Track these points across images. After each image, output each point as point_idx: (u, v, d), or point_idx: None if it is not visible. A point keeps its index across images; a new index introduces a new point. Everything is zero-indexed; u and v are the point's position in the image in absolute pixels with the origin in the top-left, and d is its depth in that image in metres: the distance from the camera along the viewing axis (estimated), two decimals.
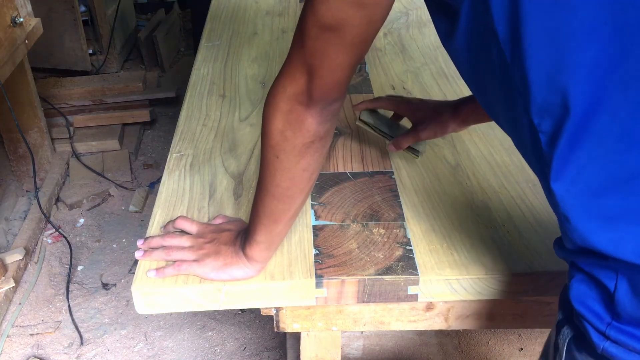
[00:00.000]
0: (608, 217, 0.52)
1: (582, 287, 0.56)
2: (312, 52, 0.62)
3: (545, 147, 0.54)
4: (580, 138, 0.51)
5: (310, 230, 0.87)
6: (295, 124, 0.66)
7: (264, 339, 1.87)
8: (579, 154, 0.52)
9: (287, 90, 0.65)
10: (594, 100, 0.50)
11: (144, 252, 0.82)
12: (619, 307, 0.53)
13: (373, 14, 0.59)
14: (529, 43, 0.51)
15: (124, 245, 2.26)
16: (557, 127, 0.52)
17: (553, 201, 0.55)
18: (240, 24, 1.55)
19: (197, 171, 1.00)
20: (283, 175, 0.71)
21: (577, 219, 0.53)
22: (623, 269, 0.52)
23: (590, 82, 0.49)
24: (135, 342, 1.88)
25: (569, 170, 0.53)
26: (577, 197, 0.53)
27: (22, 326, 1.92)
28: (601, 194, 0.52)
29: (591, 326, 0.55)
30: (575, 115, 0.50)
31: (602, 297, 0.54)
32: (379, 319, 0.85)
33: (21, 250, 2.10)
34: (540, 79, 0.51)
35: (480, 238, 0.85)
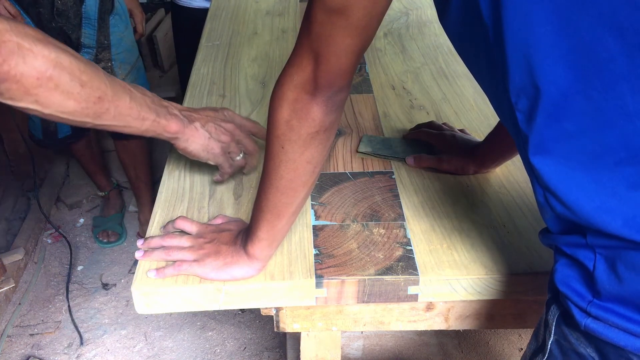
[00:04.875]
0: (585, 191, 0.55)
1: (565, 270, 0.59)
2: (318, 37, 0.62)
3: (522, 125, 0.57)
4: (556, 117, 0.54)
5: (310, 230, 0.87)
6: (301, 113, 0.67)
7: (264, 339, 1.87)
8: (555, 132, 0.55)
9: (294, 79, 0.66)
10: (569, 81, 0.52)
11: (143, 253, 0.82)
12: (599, 285, 0.56)
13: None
14: (507, 25, 0.53)
15: (124, 245, 2.26)
16: (532, 106, 0.55)
17: (534, 174, 0.58)
18: (240, 24, 1.55)
19: (197, 171, 1.00)
20: (287, 166, 0.71)
21: (558, 188, 0.56)
22: (600, 247, 0.55)
23: (564, 64, 0.52)
24: (135, 342, 1.88)
25: (546, 146, 0.56)
26: (557, 169, 0.56)
27: (21, 326, 1.92)
28: (578, 169, 0.55)
29: (574, 305, 0.58)
30: (549, 96, 0.53)
31: (583, 277, 0.57)
32: (379, 319, 0.85)
33: (21, 250, 2.10)
34: (518, 60, 0.54)
35: (480, 238, 0.85)
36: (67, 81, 0.68)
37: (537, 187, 0.59)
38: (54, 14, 1.77)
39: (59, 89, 0.67)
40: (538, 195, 0.60)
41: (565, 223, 0.60)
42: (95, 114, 0.72)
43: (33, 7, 1.76)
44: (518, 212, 0.90)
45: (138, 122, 0.78)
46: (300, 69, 0.65)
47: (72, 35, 1.82)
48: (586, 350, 0.58)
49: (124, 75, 1.95)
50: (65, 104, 0.69)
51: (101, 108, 0.72)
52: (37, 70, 0.65)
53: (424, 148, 1.04)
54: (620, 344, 0.55)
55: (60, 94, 0.68)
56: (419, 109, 1.18)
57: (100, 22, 1.84)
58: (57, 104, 0.68)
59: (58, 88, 0.67)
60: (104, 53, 1.89)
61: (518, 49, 0.54)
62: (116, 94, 0.74)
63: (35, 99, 0.66)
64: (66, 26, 1.80)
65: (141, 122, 0.78)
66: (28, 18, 1.77)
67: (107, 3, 1.84)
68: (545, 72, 0.53)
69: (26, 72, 0.64)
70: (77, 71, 0.69)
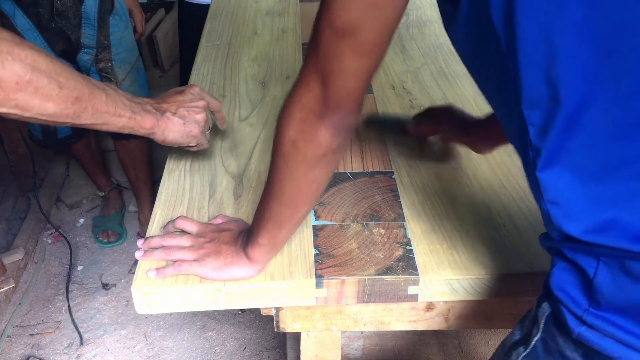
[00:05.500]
0: (597, 204, 0.54)
1: (562, 274, 0.58)
2: (325, 58, 0.60)
3: (533, 139, 0.55)
4: (572, 129, 0.52)
5: (310, 230, 0.87)
6: (307, 135, 0.65)
7: (264, 339, 1.87)
8: (570, 145, 0.53)
9: (302, 99, 0.64)
10: (586, 93, 0.51)
11: (144, 252, 0.82)
12: (598, 294, 0.54)
13: (388, 14, 0.58)
14: (523, 37, 0.51)
15: (124, 245, 2.26)
16: (547, 119, 0.53)
17: (539, 189, 0.57)
18: (240, 24, 1.55)
19: (197, 171, 1.00)
20: (291, 183, 0.70)
21: (567, 204, 0.55)
22: (605, 256, 0.54)
23: (583, 76, 0.50)
24: (135, 342, 1.88)
25: (559, 159, 0.54)
26: (568, 183, 0.54)
27: (21, 326, 1.92)
28: (591, 182, 0.54)
29: (569, 311, 0.57)
30: (567, 108, 0.52)
31: (582, 283, 0.56)
32: (379, 319, 0.85)
33: (21, 250, 2.10)
34: (533, 72, 0.52)
35: (480, 238, 0.85)
36: (46, 84, 0.67)
37: (543, 202, 0.58)
38: (54, 14, 1.77)
39: (39, 92, 0.67)
40: (543, 210, 0.58)
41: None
42: (75, 114, 0.72)
43: (32, 7, 1.76)
44: (518, 212, 0.90)
45: (115, 119, 0.78)
46: (308, 89, 0.63)
47: (71, 35, 1.82)
48: (573, 354, 0.57)
49: (124, 75, 1.95)
50: (44, 106, 0.68)
51: (80, 108, 0.72)
52: (16, 75, 0.64)
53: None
54: (613, 355, 0.54)
55: (40, 97, 0.67)
56: (419, 108, 1.18)
57: (100, 22, 1.84)
58: (37, 107, 0.68)
59: (37, 91, 0.67)
60: (104, 53, 1.89)
61: (534, 60, 0.52)
62: (92, 93, 0.74)
63: (16, 103, 0.66)
64: (66, 26, 1.80)
65: (118, 119, 0.79)
66: (27, 18, 1.77)
67: (106, 3, 1.84)
68: (564, 84, 0.51)
69: (5, 77, 0.64)
70: (54, 73, 0.69)
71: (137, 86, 2.02)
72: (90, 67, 1.91)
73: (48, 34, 1.81)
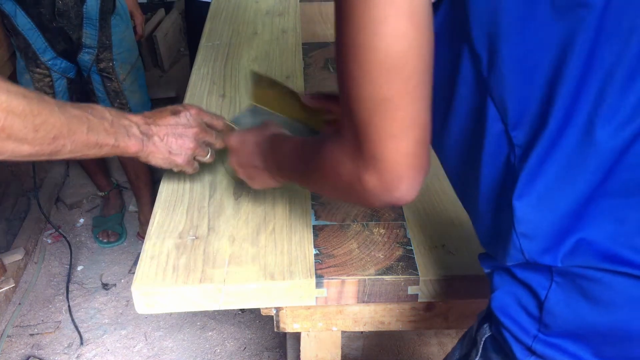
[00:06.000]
0: (570, 228, 0.50)
1: (507, 297, 0.55)
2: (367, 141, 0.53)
3: (516, 161, 0.52)
4: (551, 152, 0.50)
5: (311, 230, 0.87)
6: (361, 187, 0.56)
7: (264, 339, 1.87)
8: (549, 168, 0.50)
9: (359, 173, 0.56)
10: (568, 112, 0.49)
11: None
12: (548, 317, 0.52)
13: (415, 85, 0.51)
14: (511, 55, 0.49)
15: (124, 245, 2.26)
16: (532, 139, 0.51)
17: (509, 220, 0.53)
18: (240, 24, 1.55)
19: (197, 171, 1.00)
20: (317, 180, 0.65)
21: (542, 236, 0.52)
22: (559, 276, 0.51)
23: (568, 93, 0.48)
24: (135, 342, 1.88)
25: (536, 184, 0.51)
26: (543, 213, 0.51)
27: (21, 326, 1.93)
28: (565, 205, 0.50)
29: (513, 338, 0.53)
30: (551, 127, 0.49)
31: (530, 305, 0.53)
32: (379, 319, 0.85)
33: (21, 250, 2.10)
34: (522, 88, 0.50)
35: None
36: (21, 128, 0.66)
37: (514, 233, 0.53)
38: (55, 14, 1.77)
39: (12, 138, 0.66)
40: (511, 240, 0.53)
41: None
42: (52, 152, 0.71)
43: (34, 8, 1.76)
44: None
45: (96, 149, 0.77)
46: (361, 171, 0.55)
47: (72, 35, 1.83)
48: None
49: (124, 75, 1.95)
50: (19, 149, 0.68)
51: (57, 147, 0.71)
52: None
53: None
54: None
55: (14, 142, 0.66)
56: None
57: (102, 22, 1.84)
58: (11, 150, 0.67)
59: (11, 137, 0.65)
60: (105, 53, 1.89)
61: (526, 76, 0.49)
62: (71, 128, 0.72)
63: None
64: (67, 26, 1.81)
65: (99, 149, 0.78)
66: (29, 18, 1.77)
67: (108, 3, 1.84)
68: (557, 101, 0.49)
69: None
70: (30, 115, 0.67)
71: (137, 86, 2.02)
72: (91, 67, 1.91)
73: (49, 34, 1.81)
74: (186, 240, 0.85)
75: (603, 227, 0.50)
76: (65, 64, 1.89)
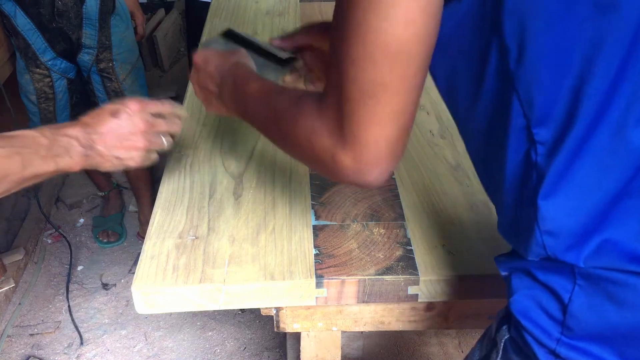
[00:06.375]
0: (595, 228, 0.50)
1: (528, 300, 0.54)
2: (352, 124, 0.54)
3: (541, 160, 0.51)
4: (580, 151, 0.49)
5: (311, 230, 0.87)
6: (332, 159, 0.56)
7: (264, 339, 1.87)
8: (577, 168, 0.49)
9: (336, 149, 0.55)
10: (599, 111, 0.48)
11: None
12: (572, 320, 0.51)
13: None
14: (543, 49, 0.48)
15: (124, 245, 2.26)
16: (559, 138, 0.50)
17: (534, 218, 0.52)
18: (240, 24, 1.55)
19: (197, 171, 1.00)
20: (286, 140, 0.63)
21: (567, 234, 0.51)
22: (582, 279, 0.51)
23: (600, 92, 0.47)
24: (135, 342, 1.88)
25: (564, 184, 0.50)
26: (570, 212, 0.51)
27: (21, 326, 1.93)
28: (591, 210, 0.50)
29: (536, 341, 0.53)
30: (581, 127, 0.48)
31: (553, 308, 0.52)
32: (379, 319, 0.85)
33: (21, 250, 2.10)
34: (551, 84, 0.49)
35: (480, 238, 0.85)
36: None
37: (538, 232, 0.53)
38: (55, 15, 1.77)
39: None
40: (535, 239, 0.53)
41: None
42: None
43: (33, 8, 1.76)
44: None
45: (35, 179, 0.75)
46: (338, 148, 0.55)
47: (72, 35, 1.83)
48: None
49: (125, 75, 1.95)
50: None
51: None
52: None
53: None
54: None
55: None
56: (419, 108, 1.18)
57: (101, 23, 1.84)
58: None
59: None
60: (105, 53, 1.89)
61: (557, 72, 0.48)
62: (5, 168, 0.70)
63: None
64: (66, 27, 1.80)
65: (38, 178, 0.75)
66: (28, 18, 1.77)
67: (108, 3, 1.84)
68: (586, 100, 0.47)
69: None
70: None
71: (138, 86, 2.02)
72: (91, 67, 1.91)
73: (49, 34, 1.81)
74: (186, 240, 0.85)
75: (629, 227, 0.49)
76: (65, 64, 1.89)
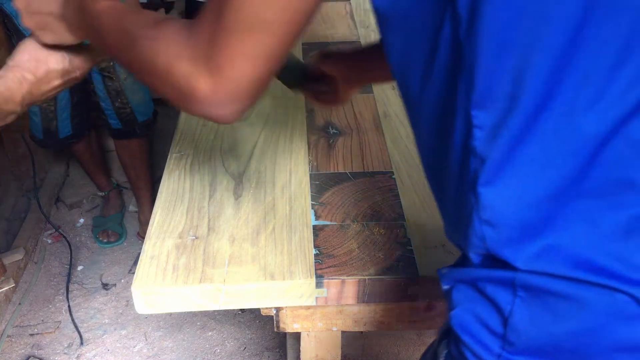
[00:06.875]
0: (535, 227, 0.47)
1: (468, 314, 0.52)
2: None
3: (479, 145, 0.48)
4: (523, 137, 0.46)
5: (311, 230, 0.87)
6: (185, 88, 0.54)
7: (264, 339, 1.87)
8: (521, 155, 0.46)
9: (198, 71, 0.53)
10: (545, 94, 0.44)
11: None
12: (513, 334, 0.48)
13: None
14: (490, 20, 0.44)
15: (124, 245, 2.26)
16: (500, 122, 0.46)
17: (475, 207, 0.49)
18: None
19: (197, 171, 1.00)
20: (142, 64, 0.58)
21: (504, 225, 0.48)
22: (522, 290, 0.48)
23: (546, 73, 0.44)
24: (135, 342, 1.88)
25: (506, 171, 0.47)
26: (507, 202, 0.48)
27: (21, 326, 1.92)
28: (532, 201, 0.47)
29: (476, 358, 0.50)
30: (526, 109, 0.45)
31: (493, 322, 0.50)
32: (379, 319, 0.85)
33: (21, 250, 2.10)
34: (498, 63, 0.45)
35: None
36: None
37: (478, 221, 0.50)
38: None
39: None
40: (474, 231, 0.50)
41: (494, 261, 0.50)
42: None
43: None
44: None
45: None
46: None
47: None
48: None
49: (125, 74, 1.95)
50: None
51: None
52: None
53: None
54: None
55: None
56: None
57: None
58: None
59: None
60: None
61: (500, 48, 0.44)
62: None
63: None
64: None
65: None
66: None
67: None
68: (530, 81, 0.44)
69: None
70: None
71: (138, 85, 2.02)
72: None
73: None
74: (186, 240, 0.85)
75: (576, 230, 0.46)
76: None
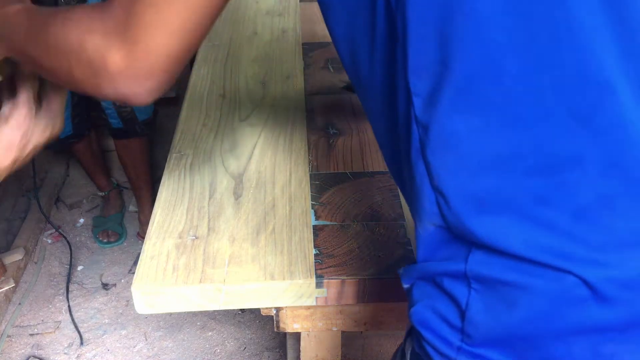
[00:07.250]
0: (483, 200, 0.46)
1: (427, 310, 0.51)
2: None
3: (419, 113, 0.46)
4: (460, 103, 0.44)
5: (311, 230, 0.87)
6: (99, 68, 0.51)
7: (264, 339, 1.87)
8: (457, 123, 0.45)
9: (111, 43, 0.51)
10: (481, 60, 0.43)
11: None
12: (470, 326, 0.48)
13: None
14: None
15: (124, 245, 2.27)
16: (435, 88, 0.45)
17: (426, 173, 0.48)
18: (240, 24, 1.55)
19: (197, 171, 1.00)
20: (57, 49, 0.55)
21: (454, 196, 0.47)
22: (476, 282, 0.47)
23: (482, 37, 0.42)
24: (135, 342, 1.88)
25: (445, 140, 0.46)
26: (454, 172, 0.47)
27: (21, 326, 1.93)
28: (477, 173, 0.46)
29: (437, 352, 0.50)
30: (456, 75, 0.43)
31: (452, 316, 0.49)
32: (379, 319, 0.85)
33: (21, 250, 2.10)
34: (424, 29, 0.44)
35: None
36: None
37: (429, 189, 0.48)
38: None
39: None
40: (425, 199, 0.49)
41: (447, 243, 0.49)
42: None
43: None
44: None
45: None
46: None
47: None
48: None
49: None
50: None
51: None
52: None
53: None
54: None
55: None
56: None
57: None
58: None
59: None
60: None
61: (425, 12, 0.43)
62: None
63: None
64: None
65: None
66: None
67: None
68: (456, 45, 0.43)
69: None
70: None
71: None
72: None
73: None
74: (186, 240, 0.85)
75: (525, 208, 0.45)
76: None
